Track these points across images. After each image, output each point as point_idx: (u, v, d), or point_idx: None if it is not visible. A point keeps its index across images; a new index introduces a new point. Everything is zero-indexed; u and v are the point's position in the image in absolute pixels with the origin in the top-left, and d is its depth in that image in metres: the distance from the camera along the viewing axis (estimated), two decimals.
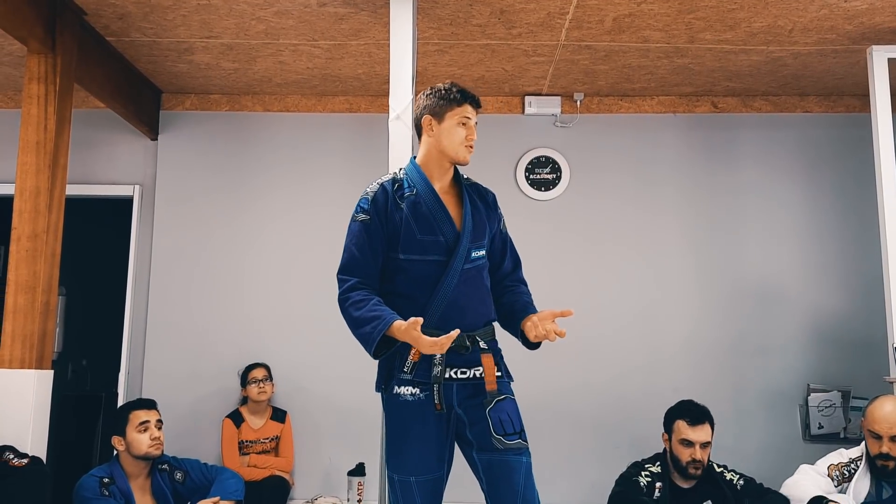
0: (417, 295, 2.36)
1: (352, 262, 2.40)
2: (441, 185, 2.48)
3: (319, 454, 4.43)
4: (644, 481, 3.30)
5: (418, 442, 2.34)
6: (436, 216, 2.40)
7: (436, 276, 2.36)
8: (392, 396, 2.38)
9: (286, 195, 4.70)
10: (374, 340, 2.27)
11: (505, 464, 2.30)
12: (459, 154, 2.44)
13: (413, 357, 2.34)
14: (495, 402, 2.34)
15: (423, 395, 2.33)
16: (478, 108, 2.49)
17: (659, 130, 4.72)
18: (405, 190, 2.44)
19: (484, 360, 2.37)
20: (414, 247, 2.38)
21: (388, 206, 2.41)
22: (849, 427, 4.32)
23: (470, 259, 2.41)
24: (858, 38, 3.90)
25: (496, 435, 2.30)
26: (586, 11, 3.67)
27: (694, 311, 4.53)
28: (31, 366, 3.39)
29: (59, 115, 3.56)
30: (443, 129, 2.44)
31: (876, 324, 4.01)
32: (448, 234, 2.40)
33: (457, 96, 2.44)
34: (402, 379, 2.35)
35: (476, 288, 2.42)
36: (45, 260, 3.48)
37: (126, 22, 3.84)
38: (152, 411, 3.32)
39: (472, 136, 2.45)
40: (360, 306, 2.33)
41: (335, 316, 4.46)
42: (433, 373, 2.32)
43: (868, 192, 4.02)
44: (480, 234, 2.47)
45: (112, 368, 4.68)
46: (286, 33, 3.94)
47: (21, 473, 3.05)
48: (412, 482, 2.33)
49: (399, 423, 2.37)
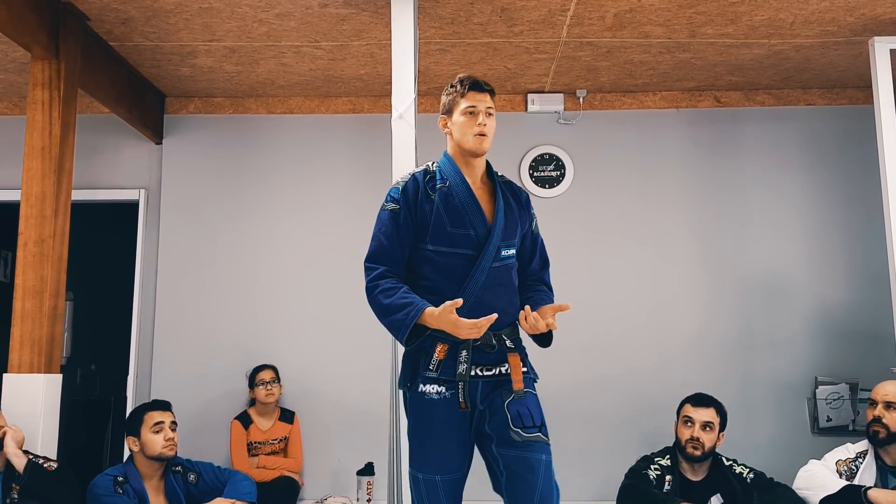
0: (444, 288, 2.32)
1: (379, 251, 2.38)
2: (472, 181, 2.45)
3: (328, 454, 4.45)
4: (654, 474, 3.31)
5: (443, 441, 2.32)
6: (468, 209, 2.37)
7: (464, 270, 2.34)
8: (417, 395, 2.35)
9: (291, 196, 4.71)
10: (406, 327, 2.23)
11: (524, 461, 2.27)
12: (472, 144, 2.40)
13: (438, 355, 2.31)
14: (514, 397, 2.32)
15: (449, 394, 2.31)
16: (485, 93, 2.43)
17: (662, 126, 4.72)
18: (437, 181, 2.42)
19: (510, 359, 2.35)
20: (444, 238, 2.35)
21: (419, 197, 2.39)
22: (857, 419, 4.31)
23: (500, 257, 2.38)
24: (860, 30, 3.89)
25: (514, 427, 2.27)
26: (587, 8, 3.67)
27: (701, 305, 4.53)
28: (39, 370, 3.41)
29: (63, 121, 3.58)
30: (454, 124, 2.44)
31: (883, 315, 4.00)
32: (479, 229, 2.37)
33: (459, 87, 2.43)
34: (428, 377, 2.32)
35: (504, 287, 2.40)
36: (51, 265, 3.50)
37: (129, 27, 3.85)
38: (167, 412, 3.35)
39: (482, 124, 2.40)
40: (389, 294, 2.30)
41: (343, 316, 4.54)
42: (458, 370, 2.29)
43: (873, 184, 4.02)
44: (512, 233, 2.44)
45: (121, 372, 4.70)
46: (288, 35, 3.95)
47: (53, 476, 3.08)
48: (437, 481, 2.31)
49: (424, 422, 2.34)
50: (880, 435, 3.17)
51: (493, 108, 2.46)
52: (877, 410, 3.21)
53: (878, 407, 3.21)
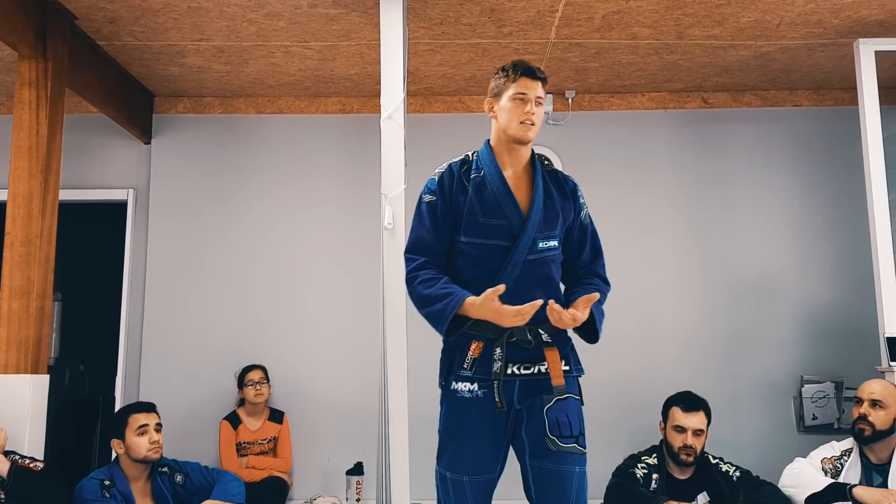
0: (478, 281, 2.23)
1: (419, 243, 2.31)
2: (514, 169, 2.36)
3: (318, 454, 4.44)
4: (641, 473, 3.32)
5: (475, 440, 2.24)
6: (500, 199, 2.29)
7: (498, 262, 2.26)
8: (450, 392, 2.28)
9: (281, 197, 4.71)
10: (447, 317, 2.16)
11: (557, 474, 2.20)
12: (518, 132, 2.30)
13: (473, 353, 2.24)
14: (555, 401, 2.24)
15: (482, 392, 2.23)
16: (538, 81, 2.32)
17: (650, 127, 4.75)
18: (472, 172, 2.35)
19: (548, 353, 2.25)
20: (476, 229, 2.28)
21: (454, 188, 2.32)
22: (842, 418, 4.35)
23: (536, 249, 2.28)
24: (845, 32, 3.93)
25: (551, 435, 2.20)
26: (575, 9, 3.69)
27: (688, 305, 4.56)
28: (26, 371, 3.40)
29: (51, 120, 3.57)
30: (501, 109, 2.34)
31: (868, 315, 4.03)
32: (513, 220, 2.28)
33: (511, 71, 2.32)
34: (462, 375, 2.25)
35: (542, 281, 2.29)
36: (38, 265, 3.49)
37: (117, 26, 3.84)
38: (151, 414, 3.32)
39: (531, 112, 2.30)
40: (429, 284, 2.23)
41: (332, 316, 4.54)
42: (493, 368, 2.22)
43: (858, 184, 4.05)
44: (552, 224, 2.33)
45: (109, 373, 4.68)
46: (277, 35, 3.95)
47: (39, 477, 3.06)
48: (465, 481, 2.24)
49: (455, 420, 2.27)
50: (866, 433, 3.20)
51: (543, 98, 2.35)
52: (862, 408, 3.23)
53: (863, 405, 3.24)
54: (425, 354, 4.28)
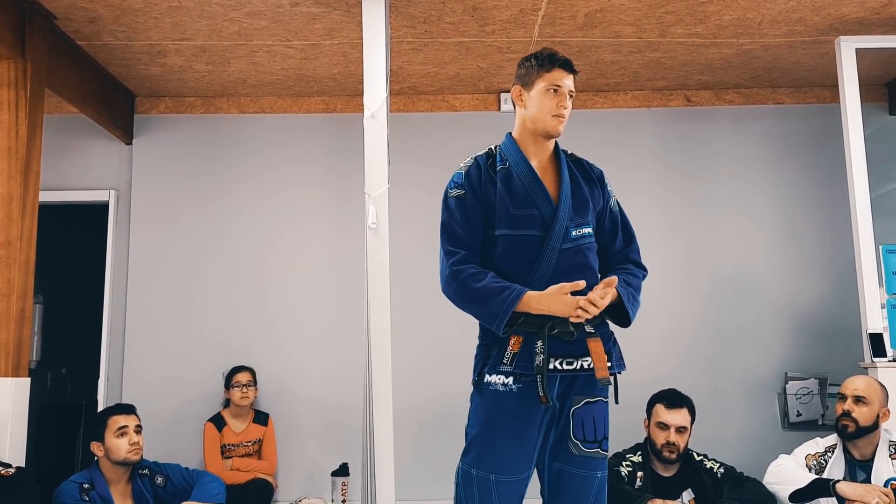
0: (513, 273, 2.19)
1: (455, 237, 2.24)
2: (539, 160, 2.31)
3: (303, 456, 4.43)
4: (625, 471, 3.33)
5: (506, 438, 2.14)
6: (529, 189, 2.24)
7: (532, 253, 2.20)
8: (482, 386, 2.20)
9: (264, 196, 4.68)
10: (506, 312, 2.10)
11: (575, 478, 2.16)
12: (549, 125, 2.26)
13: (513, 347, 2.15)
14: (584, 404, 2.19)
15: (517, 388, 2.14)
16: (573, 74, 2.29)
17: (634, 125, 4.76)
18: (498, 164, 2.29)
19: (591, 345, 2.18)
20: (507, 221, 2.22)
21: (482, 180, 2.27)
22: (826, 414, 4.38)
23: (570, 238, 2.23)
24: (826, 30, 3.95)
25: (574, 439, 2.15)
26: (558, 7, 3.69)
27: (672, 302, 4.57)
28: (7, 374, 3.36)
29: (30, 121, 3.53)
30: (531, 98, 2.29)
31: (851, 311, 4.06)
32: (543, 209, 2.23)
33: (545, 61, 2.27)
34: (499, 369, 2.16)
35: (579, 270, 2.22)
36: (18, 267, 3.45)
37: (97, 25, 3.81)
38: (131, 416, 3.29)
39: (564, 105, 2.25)
40: (478, 278, 2.16)
41: (317, 317, 4.51)
42: (535, 362, 2.13)
43: (840, 181, 4.08)
44: (582, 211, 2.29)
45: (92, 376, 4.64)
46: (259, 34, 3.93)
47: (9, 483, 3.02)
48: (492, 480, 2.14)
49: (485, 415, 2.17)
50: (849, 429, 3.21)
51: (574, 94, 2.31)
52: (846, 405, 3.25)
53: (847, 401, 3.25)
54: (409, 355, 4.30)
